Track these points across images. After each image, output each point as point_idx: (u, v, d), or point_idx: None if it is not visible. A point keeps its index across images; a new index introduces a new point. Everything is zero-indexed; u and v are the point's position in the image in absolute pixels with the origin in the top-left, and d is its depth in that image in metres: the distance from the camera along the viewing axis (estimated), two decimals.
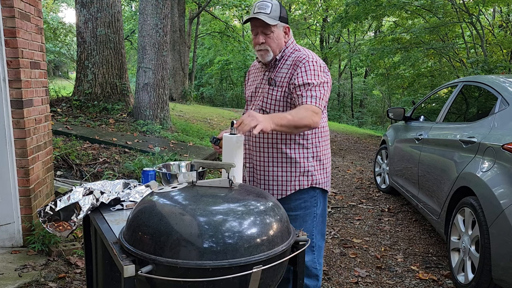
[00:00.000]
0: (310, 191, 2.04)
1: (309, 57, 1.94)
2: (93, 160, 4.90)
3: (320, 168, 2.05)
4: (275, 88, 1.97)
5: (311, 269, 2.11)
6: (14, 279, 2.65)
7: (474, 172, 2.88)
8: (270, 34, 1.93)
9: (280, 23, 1.94)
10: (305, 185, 2.02)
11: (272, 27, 1.92)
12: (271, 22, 1.89)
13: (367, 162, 7.93)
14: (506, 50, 10.92)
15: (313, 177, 2.03)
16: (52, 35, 18.42)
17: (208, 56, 26.71)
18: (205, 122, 10.73)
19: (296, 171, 2.00)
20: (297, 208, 2.03)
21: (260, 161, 2.05)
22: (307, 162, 2.01)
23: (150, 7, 7.00)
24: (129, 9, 22.66)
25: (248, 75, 2.25)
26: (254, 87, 2.12)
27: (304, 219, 2.04)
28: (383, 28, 18.36)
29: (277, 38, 1.95)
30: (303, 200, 2.03)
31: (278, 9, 1.92)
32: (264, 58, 1.99)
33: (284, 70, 1.97)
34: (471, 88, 3.98)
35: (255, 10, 1.93)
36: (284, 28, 1.98)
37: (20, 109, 3.01)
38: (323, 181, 2.07)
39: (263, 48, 1.95)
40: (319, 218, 2.10)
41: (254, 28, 1.96)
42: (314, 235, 2.09)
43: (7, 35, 2.92)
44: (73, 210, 1.72)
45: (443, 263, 3.39)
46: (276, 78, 1.98)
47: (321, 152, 2.06)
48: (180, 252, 1.16)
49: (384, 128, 18.25)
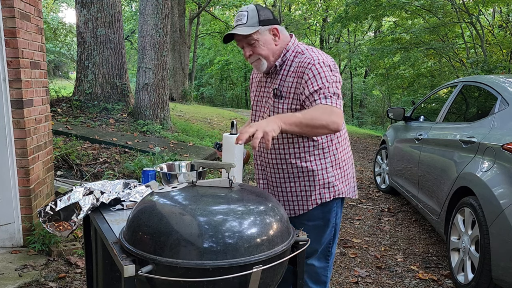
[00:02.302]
0: (331, 203, 1.89)
1: (313, 60, 1.75)
2: (93, 160, 4.90)
3: (341, 177, 1.89)
4: (280, 100, 1.81)
5: (321, 276, 2.00)
6: (14, 279, 2.66)
7: (474, 172, 2.88)
8: (254, 43, 1.78)
9: (261, 28, 1.77)
10: (327, 197, 1.86)
11: (253, 35, 1.76)
12: (248, 32, 1.74)
13: (367, 162, 7.93)
14: (506, 50, 10.92)
15: (335, 188, 1.87)
16: (52, 35, 18.42)
17: (208, 56, 26.72)
18: (205, 122, 10.73)
19: (315, 184, 1.84)
20: (315, 218, 1.90)
21: (275, 177, 1.90)
22: (326, 173, 1.84)
23: (150, 7, 7.00)
24: (129, 9, 22.67)
25: (252, 79, 2.10)
26: (258, 96, 1.97)
27: (323, 229, 1.92)
28: (383, 28, 18.35)
29: (264, 43, 1.79)
30: (321, 210, 1.89)
31: (256, 14, 1.77)
32: (259, 68, 1.84)
33: (289, 79, 1.80)
34: (471, 88, 3.98)
35: (234, 24, 1.80)
36: (271, 30, 1.80)
37: (20, 109, 3.01)
38: (346, 190, 1.92)
39: (253, 59, 1.82)
40: (337, 227, 1.99)
41: (238, 43, 1.82)
42: (332, 245, 1.98)
43: (7, 35, 2.92)
44: (73, 210, 1.72)
45: (443, 263, 3.39)
46: (282, 88, 1.82)
47: (340, 159, 1.89)
48: (180, 252, 1.16)
49: (384, 128, 18.24)
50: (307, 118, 1.61)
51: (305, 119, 1.60)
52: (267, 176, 1.94)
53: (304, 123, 1.60)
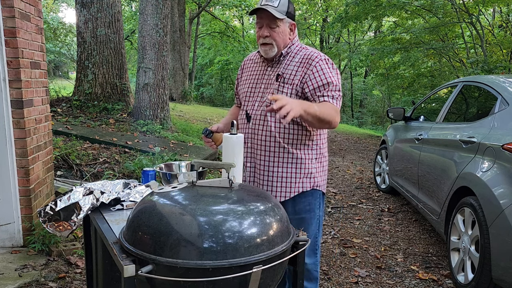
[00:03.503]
0: (314, 193, 1.99)
1: (321, 55, 1.89)
2: (93, 160, 4.90)
3: (321, 170, 2.01)
4: (285, 85, 1.89)
5: (312, 272, 2.05)
6: (14, 279, 2.65)
7: (474, 172, 2.88)
8: (275, 28, 1.86)
9: (287, 19, 1.88)
10: (308, 187, 1.97)
11: (278, 21, 1.85)
12: (278, 16, 1.82)
13: (367, 162, 7.93)
14: (506, 50, 10.92)
15: (315, 179, 1.98)
16: (52, 35, 18.43)
17: (208, 56, 26.72)
18: (205, 122, 10.73)
19: (300, 172, 1.95)
20: (302, 212, 1.98)
21: (264, 160, 1.96)
22: (310, 163, 1.96)
23: (150, 7, 7.00)
24: (129, 9, 22.66)
25: (242, 69, 2.15)
26: (253, 82, 2.02)
27: (310, 222, 1.99)
28: (383, 28, 18.36)
29: (282, 33, 1.88)
30: (308, 203, 1.98)
31: (286, 3, 1.86)
32: (268, 53, 1.91)
33: (292, 67, 1.90)
34: (471, 88, 3.98)
35: (263, 2, 1.84)
36: (290, 24, 1.91)
37: (20, 109, 3.01)
38: (322, 184, 2.04)
39: (268, 41, 1.88)
40: (321, 220, 2.06)
41: (259, 20, 1.88)
42: (318, 238, 2.04)
43: (7, 35, 2.92)
44: (73, 210, 1.72)
45: (443, 263, 3.39)
46: (285, 74, 1.90)
47: (322, 154, 2.02)
48: (180, 252, 1.16)
49: (384, 128, 18.24)
50: (322, 112, 1.74)
51: (320, 113, 1.73)
52: (256, 160, 2.00)
53: (318, 116, 1.73)
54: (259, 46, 1.94)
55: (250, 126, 1.98)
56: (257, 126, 1.95)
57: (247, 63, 2.12)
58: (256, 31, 1.95)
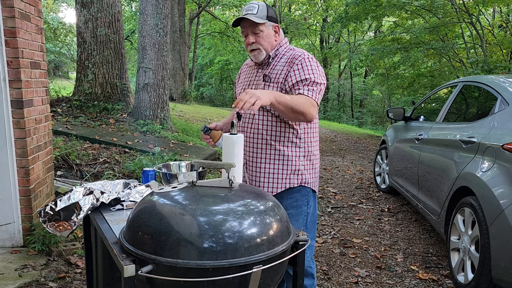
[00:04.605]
0: (302, 190, 2.06)
1: (305, 54, 1.99)
2: (93, 160, 4.90)
3: (310, 168, 2.08)
4: (270, 84, 1.99)
5: (306, 268, 2.11)
6: (14, 279, 2.66)
7: (474, 172, 2.88)
8: (259, 33, 1.98)
9: (268, 22, 1.99)
10: (295, 183, 2.04)
11: (260, 26, 1.97)
12: (258, 21, 1.95)
13: (367, 162, 7.93)
14: (506, 50, 10.93)
15: (303, 176, 2.05)
16: (52, 35, 18.44)
17: (208, 56, 26.73)
18: (205, 122, 10.73)
19: (287, 169, 2.02)
20: (288, 207, 2.04)
21: (253, 157, 2.06)
22: (298, 160, 2.03)
23: (150, 7, 7.00)
24: (129, 9, 22.67)
25: (239, 74, 2.28)
26: (246, 84, 2.14)
27: (296, 218, 2.06)
28: (383, 28, 18.35)
29: (267, 36, 2.00)
30: (295, 199, 2.05)
31: (265, 9, 1.98)
32: (257, 57, 2.03)
33: (279, 67, 2.00)
34: (471, 88, 3.98)
35: (243, 12, 1.99)
36: (274, 27, 2.03)
37: (20, 109, 3.01)
38: (312, 181, 2.10)
39: (255, 47, 2.00)
40: (311, 218, 2.12)
41: (243, 30, 2.02)
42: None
43: (7, 35, 2.92)
44: (73, 210, 1.72)
45: (443, 263, 3.39)
46: (271, 74, 2.01)
47: (311, 152, 2.08)
48: (180, 252, 1.16)
49: (384, 128, 18.25)
50: (294, 102, 1.82)
51: (292, 103, 1.81)
52: (246, 156, 2.09)
53: (290, 105, 1.81)
54: (249, 53, 2.06)
55: (240, 125, 2.10)
56: (246, 124, 2.06)
57: (244, 68, 2.27)
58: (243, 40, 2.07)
